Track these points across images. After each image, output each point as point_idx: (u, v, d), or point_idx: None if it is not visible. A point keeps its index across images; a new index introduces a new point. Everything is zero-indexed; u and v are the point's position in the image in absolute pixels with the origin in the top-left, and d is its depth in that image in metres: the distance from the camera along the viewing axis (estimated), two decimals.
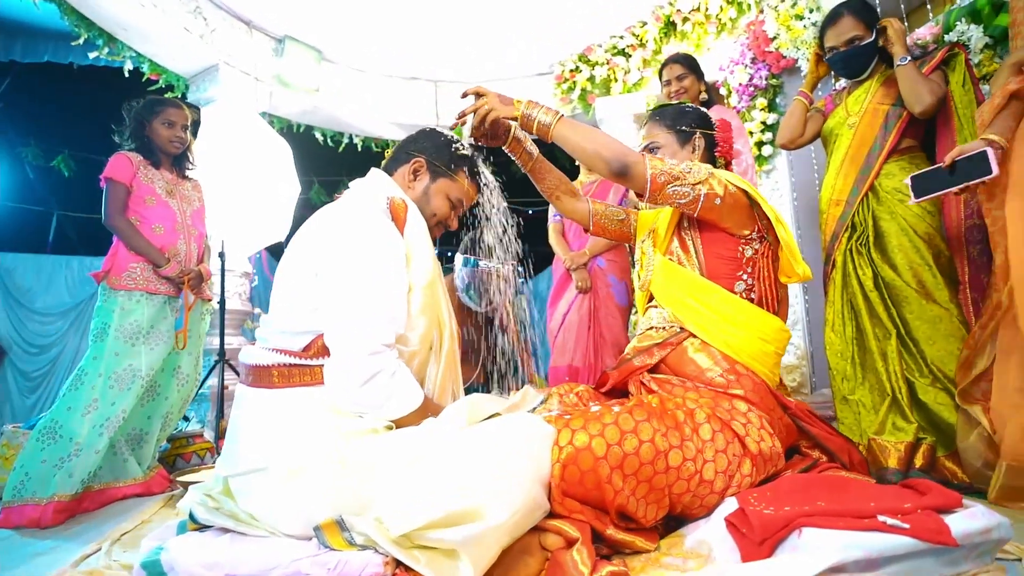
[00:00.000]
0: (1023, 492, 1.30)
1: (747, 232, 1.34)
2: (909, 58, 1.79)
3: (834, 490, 1.04)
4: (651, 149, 1.48)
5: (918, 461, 1.63)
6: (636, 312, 3.12)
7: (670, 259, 1.43)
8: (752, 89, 3.39)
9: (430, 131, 1.37)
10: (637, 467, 1.04)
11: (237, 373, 3.45)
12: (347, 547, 0.99)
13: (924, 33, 2.39)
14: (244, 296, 3.78)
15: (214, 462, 2.47)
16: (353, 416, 1.08)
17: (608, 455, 1.03)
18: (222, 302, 2.94)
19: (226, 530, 1.12)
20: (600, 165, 1.29)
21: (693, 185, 1.27)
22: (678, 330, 1.36)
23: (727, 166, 1.49)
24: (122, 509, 1.82)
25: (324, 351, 1.11)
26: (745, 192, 1.33)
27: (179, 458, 2.36)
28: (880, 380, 1.75)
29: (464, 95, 1.39)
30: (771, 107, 3.36)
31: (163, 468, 2.17)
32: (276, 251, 7.09)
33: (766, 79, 3.34)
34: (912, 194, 1.59)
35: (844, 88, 2.07)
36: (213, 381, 3.08)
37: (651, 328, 1.42)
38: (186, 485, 1.96)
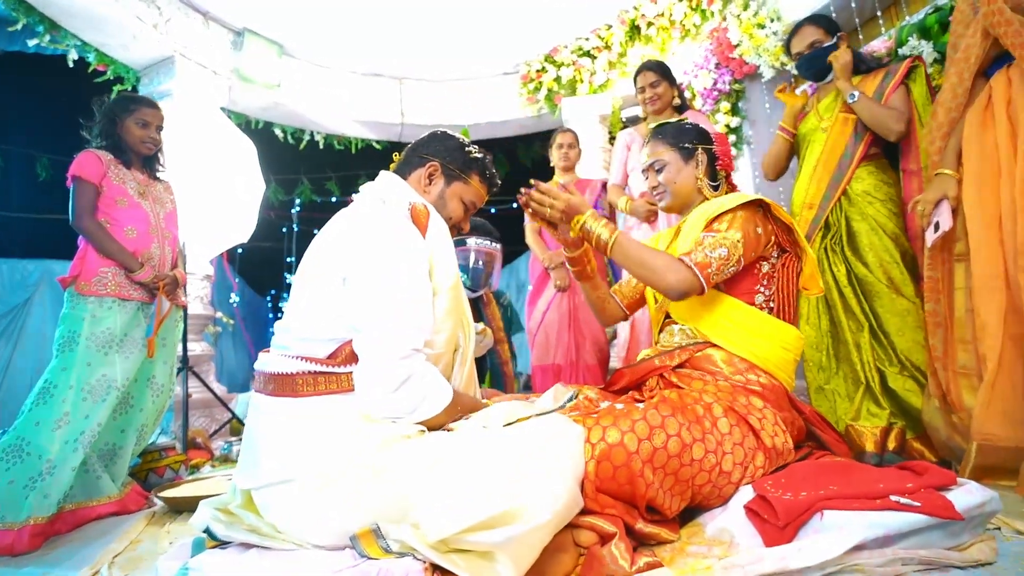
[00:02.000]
0: (995, 471, 1.42)
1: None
2: (857, 94, 1.93)
3: (842, 474, 1.12)
4: (657, 168, 1.53)
5: (891, 444, 1.76)
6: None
7: None
8: (716, 93, 3.53)
9: (441, 134, 1.37)
10: (665, 460, 1.08)
11: (201, 380, 3.33)
12: (384, 555, 0.99)
13: (878, 46, 2.57)
14: (206, 300, 3.62)
15: (189, 475, 2.36)
16: (384, 423, 1.07)
17: (639, 450, 1.07)
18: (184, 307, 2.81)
19: (248, 545, 1.08)
20: (657, 289, 1.35)
21: (736, 262, 1.32)
22: (702, 342, 1.40)
23: (727, 178, 1.55)
24: (100, 530, 1.71)
25: (351, 358, 1.09)
26: (766, 217, 1.39)
27: (152, 472, 2.23)
28: (855, 370, 1.88)
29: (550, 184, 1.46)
30: (734, 111, 3.51)
31: (137, 484, 2.06)
32: (231, 253, 6.79)
33: (729, 84, 3.49)
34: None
35: (814, 93, 2.20)
36: (177, 390, 2.94)
37: (674, 342, 1.46)
38: (166, 501, 1.88)
